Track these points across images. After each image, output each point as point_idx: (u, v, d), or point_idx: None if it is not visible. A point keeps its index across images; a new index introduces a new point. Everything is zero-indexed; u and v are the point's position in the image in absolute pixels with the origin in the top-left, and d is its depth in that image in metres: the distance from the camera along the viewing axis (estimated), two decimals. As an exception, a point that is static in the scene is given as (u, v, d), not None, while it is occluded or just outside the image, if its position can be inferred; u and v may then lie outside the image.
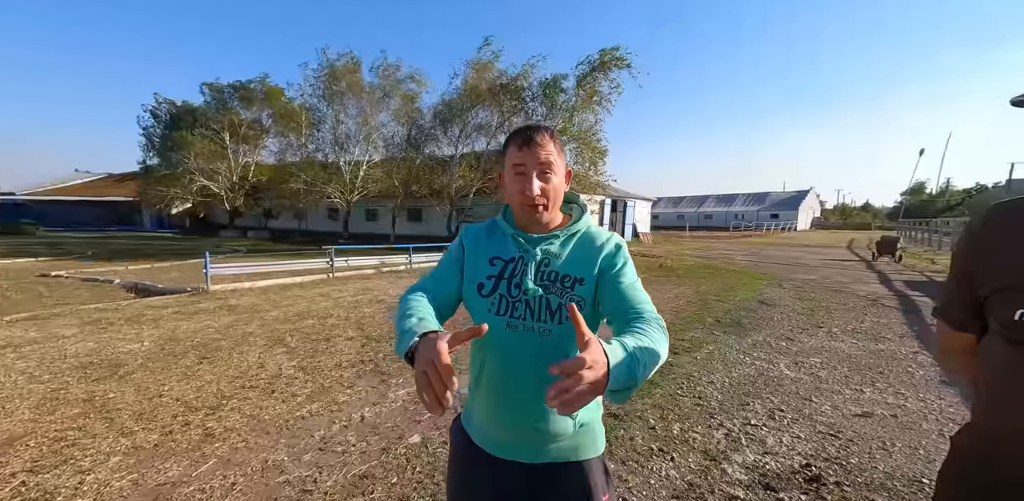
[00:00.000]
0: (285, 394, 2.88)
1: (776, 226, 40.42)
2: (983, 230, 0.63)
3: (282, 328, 4.57)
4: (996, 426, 0.59)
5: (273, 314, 5.24)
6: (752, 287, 7.28)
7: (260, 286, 7.28)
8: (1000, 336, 0.56)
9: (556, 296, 0.85)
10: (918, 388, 2.93)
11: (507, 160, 0.88)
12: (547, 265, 0.87)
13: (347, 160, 20.29)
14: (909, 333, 4.40)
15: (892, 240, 12.01)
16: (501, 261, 0.90)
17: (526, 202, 0.85)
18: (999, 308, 0.56)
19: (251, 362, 3.50)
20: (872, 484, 1.83)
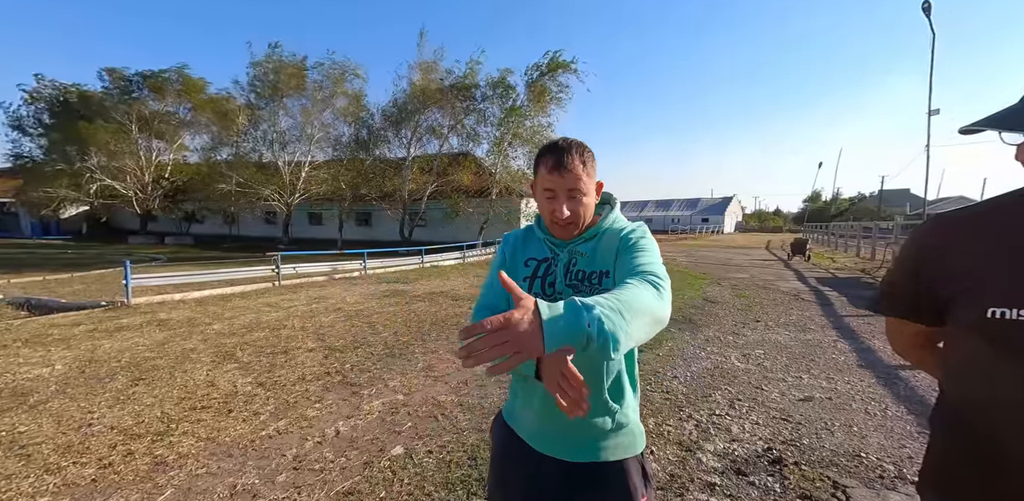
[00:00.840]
0: (245, 413, 2.63)
1: (707, 229, 44.21)
2: (932, 239, 0.69)
3: (229, 342, 4.15)
4: (968, 416, 0.64)
5: (216, 327, 4.74)
6: (696, 286, 7.91)
7: (194, 298, 6.54)
8: (971, 334, 0.61)
9: (585, 293, 0.87)
10: (843, 372, 3.38)
11: (538, 179, 0.90)
12: (574, 265, 0.91)
13: (287, 160, 18.87)
14: (828, 324, 5.05)
15: (803, 242, 13.70)
16: (535, 261, 0.96)
17: (553, 220, 0.89)
18: (966, 309, 0.61)
19: (199, 381, 3.14)
20: (823, 461, 2.09)
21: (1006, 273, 0.59)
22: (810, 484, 1.89)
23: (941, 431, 0.71)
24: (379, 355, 3.82)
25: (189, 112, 21.03)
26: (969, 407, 0.65)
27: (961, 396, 0.68)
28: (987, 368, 0.61)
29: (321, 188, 19.16)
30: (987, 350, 0.60)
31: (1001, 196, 0.67)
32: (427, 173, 18.05)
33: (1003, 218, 0.63)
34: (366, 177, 18.70)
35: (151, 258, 13.27)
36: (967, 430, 0.65)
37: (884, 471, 1.99)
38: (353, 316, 5.41)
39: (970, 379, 0.65)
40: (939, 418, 0.72)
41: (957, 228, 0.67)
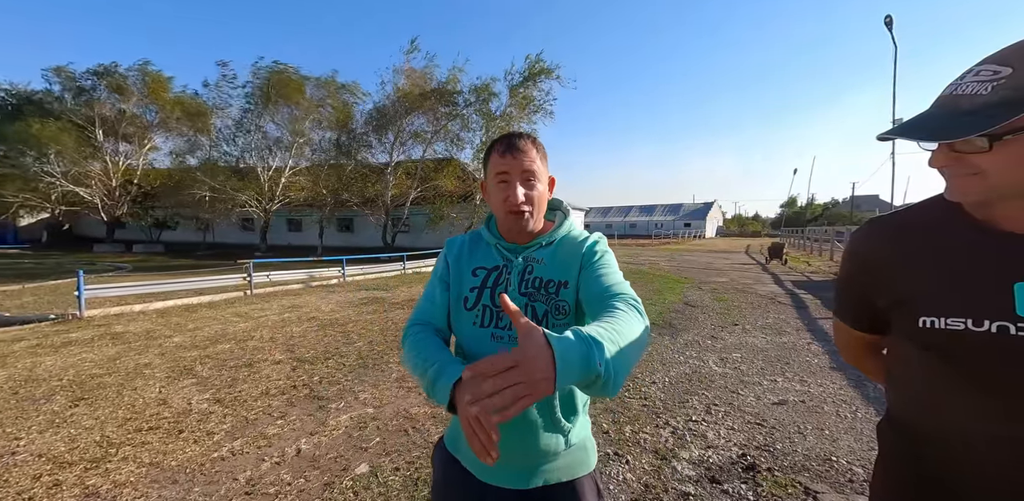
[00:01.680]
0: (198, 433, 2.46)
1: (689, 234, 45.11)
2: (865, 244, 0.69)
3: (189, 356, 3.94)
4: (909, 423, 0.65)
5: (176, 340, 4.50)
6: (677, 290, 7.98)
7: (156, 308, 6.23)
8: (906, 342, 0.63)
9: (542, 303, 0.83)
10: (816, 375, 3.41)
11: (490, 168, 0.85)
12: (530, 272, 0.86)
13: (265, 166, 18.44)
14: (802, 327, 5.14)
15: (780, 246, 14.08)
16: (484, 270, 0.88)
17: (510, 209, 0.83)
18: (901, 318, 0.62)
19: (149, 399, 2.95)
20: (796, 466, 2.07)
21: (935, 282, 0.60)
22: (782, 491, 1.86)
23: (884, 439, 0.72)
24: (351, 366, 3.67)
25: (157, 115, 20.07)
26: (907, 415, 0.66)
27: (898, 405, 0.68)
28: (921, 376, 0.62)
29: (301, 194, 18.75)
30: (920, 359, 0.61)
31: (927, 201, 0.67)
32: (410, 178, 17.90)
33: (930, 224, 0.64)
34: (348, 182, 18.41)
35: (115, 267, 12.68)
36: (908, 438, 0.66)
37: (854, 475, 1.98)
38: (327, 325, 5.23)
39: (906, 387, 0.66)
40: (884, 426, 0.72)
41: (889, 234, 0.67)
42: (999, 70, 0.49)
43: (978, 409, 0.56)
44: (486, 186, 0.88)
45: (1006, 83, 0.48)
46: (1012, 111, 0.47)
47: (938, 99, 0.55)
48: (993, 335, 0.53)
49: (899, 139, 0.57)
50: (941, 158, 0.56)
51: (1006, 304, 0.53)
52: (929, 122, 0.54)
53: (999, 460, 0.55)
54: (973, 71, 0.52)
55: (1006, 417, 0.54)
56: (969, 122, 0.50)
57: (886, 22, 11.90)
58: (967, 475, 0.58)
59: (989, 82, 0.49)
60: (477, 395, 0.49)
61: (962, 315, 0.56)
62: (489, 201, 0.89)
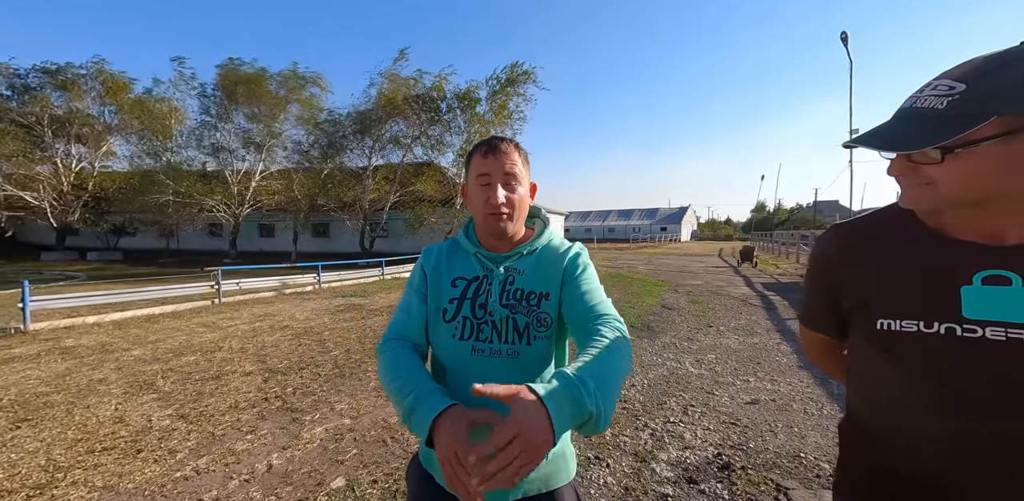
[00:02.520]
0: (158, 452, 2.32)
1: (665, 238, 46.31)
2: (829, 248, 0.71)
3: (149, 370, 3.72)
4: (869, 422, 0.67)
5: (135, 353, 4.25)
6: (654, 293, 8.16)
7: (112, 320, 5.87)
8: (864, 344, 0.65)
9: (523, 316, 0.82)
10: (785, 374, 3.55)
11: (471, 170, 0.84)
12: (512, 283, 0.84)
13: (234, 169, 17.76)
14: (772, 327, 5.34)
15: (750, 249, 14.66)
16: (464, 281, 0.86)
17: (490, 212, 0.81)
18: (861, 320, 0.65)
19: (103, 417, 2.76)
20: (767, 464, 2.14)
21: (891, 285, 0.62)
22: (755, 488, 1.92)
23: (845, 437, 0.74)
24: (327, 376, 3.56)
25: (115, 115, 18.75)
26: (868, 414, 0.68)
27: (858, 404, 0.71)
28: (880, 376, 0.64)
29: (274, 198, 18.14)
30: (878, 359, 0.63)
31: (886, 208, 0.70)
32: (390, 182, 17.66)
33: (887, 230, 0.66)
34: (324, 186, 17.98)
35: (66, 276, 11.90)
36: (868, 436, 0.68)
37: (821, 470, 2.07)
38: (301, 334, 5.06)
39: (866, 387, 0.68)
40: (843, 427, 0.75)
41: (851, 239, 0.69)
42: (954, 86, 0.51)
43: (934, 406, 0.58)
44: (467, 189, 0.87)
45: (959, 99, 0.50)
46: (963, 126, 0.49)
47: (899, 110, 0.57)
48: (942, 336, 0.56)
49: (861, 147, 0.58)
50: (898, 167, 0.58)
51: (954, 307, 0.56)
52: (889, 132, 0.56)
53: (957, 455, 0.57)
54: (931, 85, 0.54)
55: (958, 413, 0.56)
56: (924, 134, 0.52)
57: (842, 38, 12.71)
58: (928, 471, 0.60)
59: (945, 97, 0.52)
60: (484, 476, 0.50)
61: (915, 317, 0.58)
62: (469, 204, 0.87)
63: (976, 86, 0.50)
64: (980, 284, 0.56)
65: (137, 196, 17.36)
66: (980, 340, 0.54)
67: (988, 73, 0.50)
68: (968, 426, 0.56)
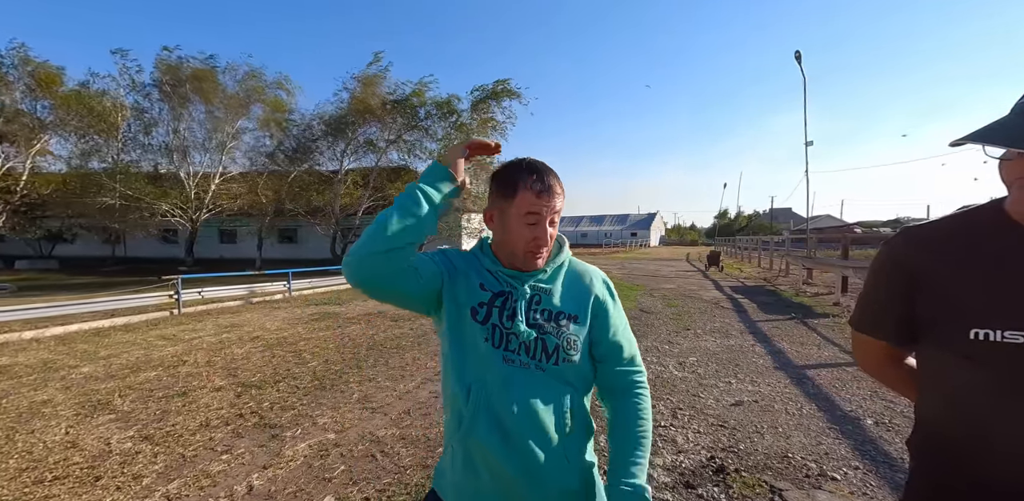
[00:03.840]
0: (121, 478, 2.11)
1: (635, 243, 47.63)
2: (905, 255, 0.66)
3: (103, 388, 3.40)
4: (955, 438, 0.62)
5: (85, 370, 3.88)
6: (631, 297, 8.34)
7: (54, 334, 5.35)
8: (953, 354, 0.59)
9: (552, 337, 0.80)
10: (763, 375, 3.71)
11: (516, 204, 0.79)
12: (539, 303, 0.83)
13: (191, 172, 16.71)
14: (745, 329, 5.58)
15: (717, 254, 15.34)
16: (490, 293, 0.83)
17: (531, 250, 0.80)
18: (946, 330, 0.59)
19: (52, 443, 2.49)
20: (759, 466, 2.21)
21: (988, 292, 0.57)
22: (751, 491, 1.98)
23: (920, 458, 0.69)
24: (306, 389, 3.38)
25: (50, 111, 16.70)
26: (949, 431, 0.63)
27: (940, 419, 0.65)
28: (971, 390, 0.59)
29: (236, 202, 17.20)
30: (969, 372, 0.58)
31: (971, 210, 0.66)
32: (362, 187, 17.20)
33: (975, 233, 0.62)
34: (291, 190, 17.26)
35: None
36: (950, 453, 0.63)
37: (809, 470, 2.16)
38: (274, 345, 4.79)
39: (951, 401, 0.63)
40: (918, 443, 0.69)
41: (930, 243, 0.65)
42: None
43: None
44: (498, 216, 0.82)
45: None
46: None
47: (1020, 106, 0.52)
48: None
49: (976, 144, 0.52)
50: (1019, 169, 0.53)
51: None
52: (1015, 129, 0.51)
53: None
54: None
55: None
56: None
57: (796, 57, 13.69)
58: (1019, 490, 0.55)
59: None
60: None
61: (1020, 327, 0.53)
62: (502, 233, 0.83)
63: None
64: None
65: (76, 199, 15.84)
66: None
67: None
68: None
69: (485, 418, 0.77)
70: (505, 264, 0.85)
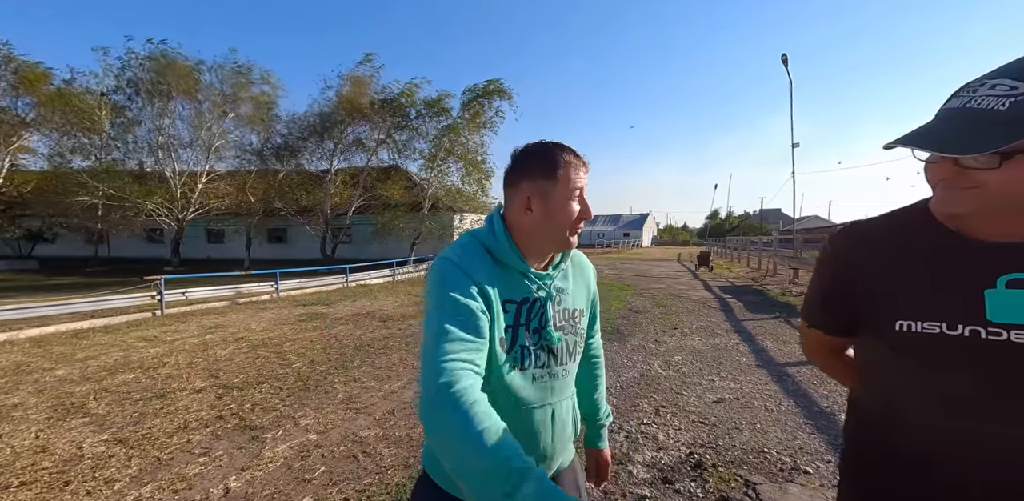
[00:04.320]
0: (92, 482, 2.07)
1: (628, 243, 47.98)
2: (843, 247, 0.70)
3: (78, 391, 3.33)
4: (882, 422, 0.67)
5: (59, 373, 3.79)
6: (621, 297, 8.40)
7: (29, 336, 5.22)
8: (883, 343, 0.64)
9: (572, 335, 0.83)
10: (746, 372, 3.76)
11: (561, 181, 0.75)
12: (560, 304, 0.82)
13: (176, 170, 16.43)
14: (730, 328, 5.66)
15: (706, 254, 15.52)
16: (514, 305, 0.76)
17: (578, 226, 0.78)
18: (877, 321, 0.64)
19: (21, 447, 2.43)
20: (736, 461, 2.24)
21: (912, 286, 0.61)
22: (726, 485, 2.00)
23: (850, 441, 0.74)
24: (289, 389, 3.35)
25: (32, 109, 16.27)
26: (878, 415, 0.67)
27: (871, 404, 0.70)
28: (897, 377, 0.64)
29: (223, 201, 16.95)
30: (896, 360, 0.62)
31: (903, 209, 0.69)
32: (353, 186, 17.07)
33: (907, 231, 0.66)
34: (280, 190, 17.06)
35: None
36: (882, 437, 0.67)
37: (783, 464, 2.20)
38: (259, 346, 4.73)
39: (879, 388, 0.67)
40: (851, 428, 0.74)
41: (869, 240, 0.68)
42: (1016, 86, 0.48)
43: (955, 408, 0.58)
44: (540, 200, 0.76)
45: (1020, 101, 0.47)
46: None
47: (946, 109, 0.54)
48: (966, 338, 0.55)
49: (906, 148, 0.54)
50: (942, 172, 0.55)
51: (977, 309, 0.56)
52: (939, 134, 0.52)
53: (974, 454, 0.57)
54: (987, 85, 0.50)
55: (982, 415, 0.56)
56: (982, 137, 0.48)
57: (783, 60, 13.90)
58: (945, 469, 0.59)
59: (1007, 97, 0.48)
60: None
61: (937, 319, 0.57)
62: (546, 216, 0.76)
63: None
64: (1004, 288, 0.56)
65: (58, 198, 15.46)
66: (1005, 343, 0.54)
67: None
68: (991, 428, 0.56)
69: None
70: (531, 259, 0.79)
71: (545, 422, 0.79)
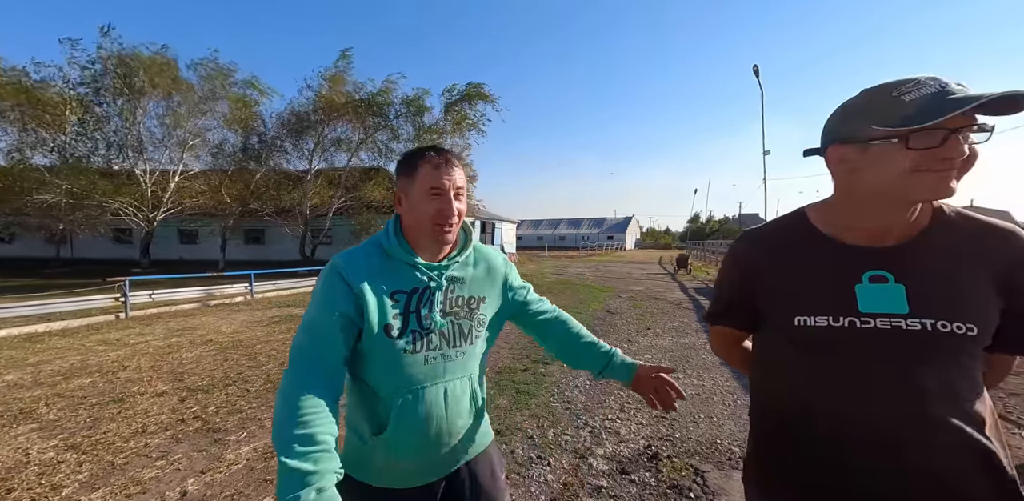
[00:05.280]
0: (38, 489, 2.01)
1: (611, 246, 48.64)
2: (743, 252, 0.79)
3: (27, 396, 3.20)
4: (782, 409, 0.74)
5: (7, 379, 3.64)
6: (600, 299, 8.54)
7: (-19, 338, 4.96)
8: (784, 337, 0.73)
9: (466, 320, 0.88)
10: (710, 370, 3.90)
11: (418, 180, 0.83)
12: (452, 292, 0.88)
13: (146, 169, 15.84)
14: (700, 328, 5.83)
15: (685, 257, 15.93)
16: (404, 294, 0.83)
17: (439, 222, 0.83)
18: (777, 318, 0.72)
19: (-36, 454, 2.33)
20: (689, 452, 2.34)
21: (803, 285, 0.71)
22: (677, 474, 2.10)
23: (755, 425, 0.81)
24: (257, 391, 3.30)
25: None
26: (778, 402, 0.76)
27: (771, 393, 0.78)
28: (795, 367, 0.73)
29: (197, 201, 16.43)
30: (795, 350, 0.72)
31: (785, 217, 0.79)
32: (333, 187, 16.80)
33: (791, 237, 0.76)
34: (257, 190, 16.65)
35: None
36: (777, 423, 0.76)
37: (732, 453, 2.30)
38: (228, 348, 4.63)
39: (780, 378, 0.76)
40: (754, 413, 0.82)
41: (765, 243, 0.78)
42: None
43: (842, 390, 0.67)
44: (405, 197, 0.86)
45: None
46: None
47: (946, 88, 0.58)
48: (846, 329, 0.66)
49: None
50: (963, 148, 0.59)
51: (852, 303, 0.66)
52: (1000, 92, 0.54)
53: (864, 432, 0.65)
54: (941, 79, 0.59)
55: (863, 394, 0.65)
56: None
57: (754, 71, 14.47)
58: (839, 446, 0.67)
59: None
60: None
61: (825, 313, 0.67)
62: (410, 212, 0.85)
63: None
64: (868, 282, 0.67)
65: (15, 197, 14.66)
66: (873, 330, 0.64)
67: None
68: (872, 408, 0.64)
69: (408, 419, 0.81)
70: (419, 251, 0.86)
71: (437, 399, 0.84)
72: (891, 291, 0.65)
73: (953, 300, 0.64)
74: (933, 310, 0.63)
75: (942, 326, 0.62)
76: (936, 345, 0.63)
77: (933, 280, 0.65)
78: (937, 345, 0.63)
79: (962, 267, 0.65)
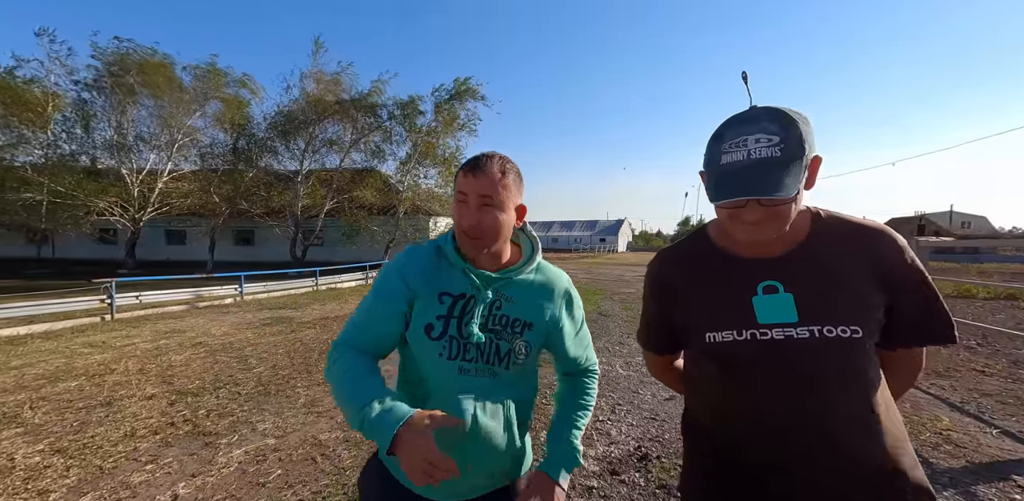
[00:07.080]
0: (24, 494, 1.98)
1: (604, 248, 48.93)
2: (657, 272, 0.82)
3: (11, 400, 3.15)
4: (708, 423, 0.78)
5: (-8, 380, 3.56)
6: (593, 301, 8.60)
7: (-38, 340, 4.84)
8: (700, 354, 0.76)
9: (507, 342, 0.82)
10: (699, 371, 3.97)
11: (456, 186, 0.81)
12: (498, 308, 0.83)
13: (134, 168, 15.58)
14: (691, 330, 5.93)
15: (676, 261, 16.14)
16: (450, 298, 0.81)
17: (462, 230, 0.79)
18: (692, 336, 0.75)
19: (-53, 460, 2.29)
20: (678, 452, 2.39)
21: (708, 303, 0.74)
22: (666, 474, 2.14)
23: (687, 439, 0.84)
24: (249, 394, 3.28)
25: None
26: (704, 417, 0.79)
27: (697, 407, 0.82)
28: (712, 381, 0.76)
29: (185, 201, 16.20)
30: (712, 366, 0.75)
31: (691, 236, 0.82)
32: (325, 188, 16.68)
33: (695, 255, 0.78)
34: (247, 190, 16.47)
35: None
36: (703, 436, 0.79)
37: (722, 453, 2.36)
38: (218, 351, 4.58)
39: (702, 392, 0.80)
40: (685, 428, 0.85)
41: (676, 264, 0.81)
42: (771, 138, 0.61)
43: (754, 400, 0.69)
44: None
45: (784, 147, 0.61)
46: (802, 168, 0.61)
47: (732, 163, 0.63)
48: (749, 341, 0.68)
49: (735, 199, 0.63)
50: (760, 211, 0.63)
51: (751, 316, 0.68)
52: (753, 183, 0.61)
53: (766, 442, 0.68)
54: (751, 139, 0.62)
55: (765, 404, 0.68)
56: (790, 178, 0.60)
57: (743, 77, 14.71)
58: (757, 451, 0.70)
59: (775, 147, 0.61)
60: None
61: (730, 328, 0.70)
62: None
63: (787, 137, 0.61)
64: (763, 294, 0.69)
65: None
66: (770, 341, 0.67)
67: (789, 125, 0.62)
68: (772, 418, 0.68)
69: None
70: (472, 261, 0.83)
71: (464, 412, 0.80)
72: (782, 302, 0.68)
73: (836, 304, 0.66)
74: (817, 317, 0.66)
75: (827, 331, 0.65)
76: (826, 350, 0.65)
77: (817, 286, 0.68)
78: (827, 350, 0.65)
79: (843, 270, 0.68)
